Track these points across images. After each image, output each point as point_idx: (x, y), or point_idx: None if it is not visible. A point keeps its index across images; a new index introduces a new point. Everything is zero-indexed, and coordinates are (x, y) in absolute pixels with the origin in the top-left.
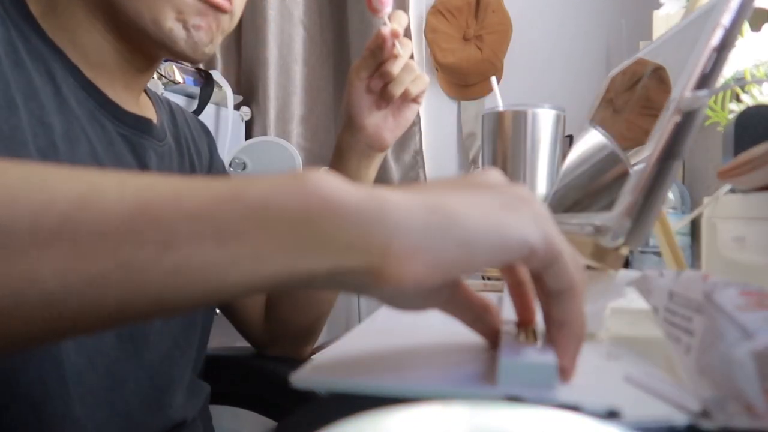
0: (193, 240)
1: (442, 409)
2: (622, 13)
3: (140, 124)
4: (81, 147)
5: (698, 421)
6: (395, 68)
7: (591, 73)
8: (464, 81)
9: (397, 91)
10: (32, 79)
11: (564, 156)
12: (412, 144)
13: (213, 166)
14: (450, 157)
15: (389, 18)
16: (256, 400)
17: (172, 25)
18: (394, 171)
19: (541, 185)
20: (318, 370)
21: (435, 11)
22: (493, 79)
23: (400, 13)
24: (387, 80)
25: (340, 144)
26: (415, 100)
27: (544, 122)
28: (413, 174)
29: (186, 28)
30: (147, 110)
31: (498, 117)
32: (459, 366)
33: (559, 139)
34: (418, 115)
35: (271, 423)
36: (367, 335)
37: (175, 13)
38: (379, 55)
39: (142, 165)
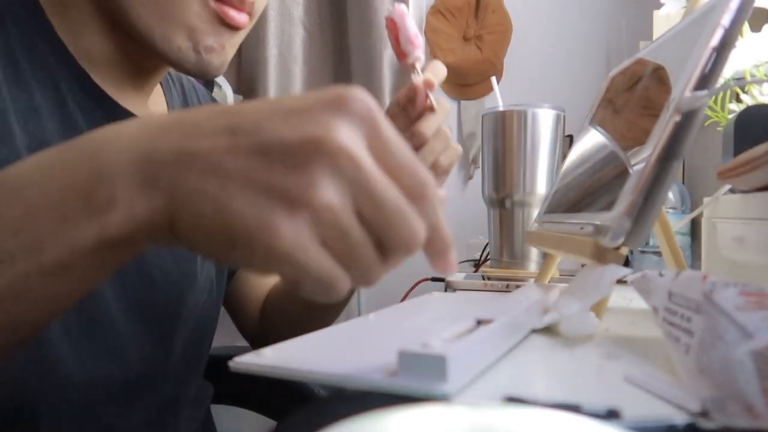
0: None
1: (442, 410)
2: (622, 13)
3: None
4: None
5: (698, 421)
6: (428, 129)
7: (591, 73)
8: (464, 81)
9: (427, 160)
10: (33, 95)
11: (564, 156)
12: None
13: None
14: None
15: (422, 67)
16: (256, 400)
17: (181, 44)
18: None
19: (541, 185)
20: (257, 357)
21: (435, 11)
22: (493, 79)
23: (438, 63)
24: (417, 143)
25: None
26: (446, 171)
27: (544, 122)
28: None
29: (196, 50)
30: (158, 106)
31: (498, 117)
32: (379, 359)
33: (559, 139)
34: None
35: (271, 423)
36: (330, 332)
37: (187, 31)
38: (411, 110)
39: None
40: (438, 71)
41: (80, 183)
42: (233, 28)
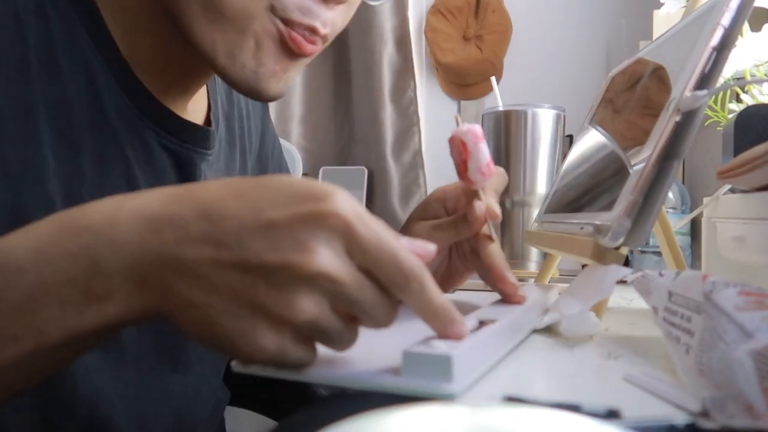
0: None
1: (442, 410)
2: (622, 13)
3: (189, 133)
4: (114, 170)
5: (698, 421)
6: (494, 257)
7: (591, 73)
8: (464, 81)
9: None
10: (66, 88)
11: (564, 156)
12: (412, 144)
13: (263, 146)
14: (450, 157)
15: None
16: (256, 400)
17: (246, 62)
18: (394, 171)
19: (541, 185)
20: None
21: (435, 11)
22: (493, 79)
23: (501, 177)
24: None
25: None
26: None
27: (544, 122)
28: (413, 174)
29: (257, 71)
30: (201, 103)
31: (498, 117)
32: (381, 359)
33: (559, 139)
34: (417, 115)
35: (271, 423)
36: None
37: (252, 50)
38: (464, 231)
39: (186, 181)
40: (500, 185)
41: (79, 275)
42: (299, 55)
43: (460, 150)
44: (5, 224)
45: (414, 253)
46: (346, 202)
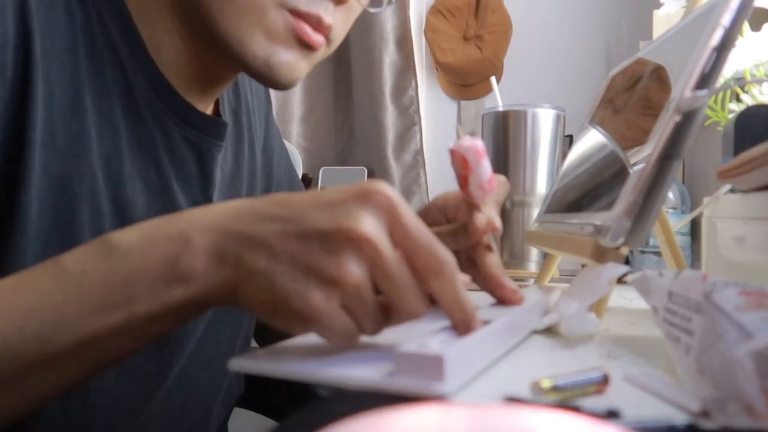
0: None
1: (442, 410)
2: (622, 13)
3: (210, 126)
4: (147, 153)
5: (698, 421)
6: (493, 267)
7: (591, 73)
8: (464, 81)
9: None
10: (106, 74)
11: (564, 156)
12: (412, 144)
13: (268, 140)
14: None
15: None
16: (256, 400)
17: (257, 51)
18: (395, 171)
19: (541, 185)
20: (257, 357)
21: (435, 11)
22: (493, 79)
23: (502, 185)
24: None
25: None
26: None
27: (544, 122)
28: (413, 174)
29: (269, 60)
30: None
31: (498, 117)
32: (377, 359)
33: (559, 139)
34: (418, 115)
35: (271, 423)
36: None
37: (264, 40)
38: (463, 241)
39: (206, 174)
40: (500, 196)
41: (175, 253)
42: (307, 46)
43: (461, 165)
44: (50, 190)
45: None
46: (393, 190)
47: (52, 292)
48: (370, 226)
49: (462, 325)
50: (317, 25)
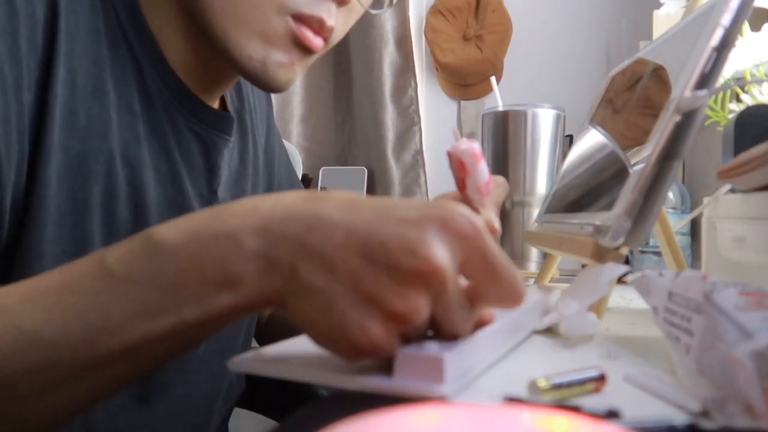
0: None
1: (442, 410)
2: (622, 13)
3: (217, 120)
4: (160, 141)
5: (698, 421)
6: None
7: (591, 73)
8: (464, 81)
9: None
10: (125, 63)
11: (564, 156)
12: (412, 144)
13: (269, 140)
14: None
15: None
16: (256, 400)
17: (253, 54)
18: (395, 171)
19: (541, 185)
20: (257, 357)
21: (435, 11)
22: (493, 79)
23: (501, 186)
24: None
25: None
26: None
27: (544, 122)
28: (413, 174)
29: (266, 62)
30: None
31: (498, 117)
32: (378, 362)
33: (559, 139)
34: (418, 115)
35: (271, 423)
36: None
37: (261, 43)
38: None
39: (211, 167)
40: (500, 197)
41: (221, 255)
42: (306, 49)
43: (458, 167)
44: (68, 168)
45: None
46: (474, 217)
47: (98, 295)
48: (445, 260)
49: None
50: (319, 27)
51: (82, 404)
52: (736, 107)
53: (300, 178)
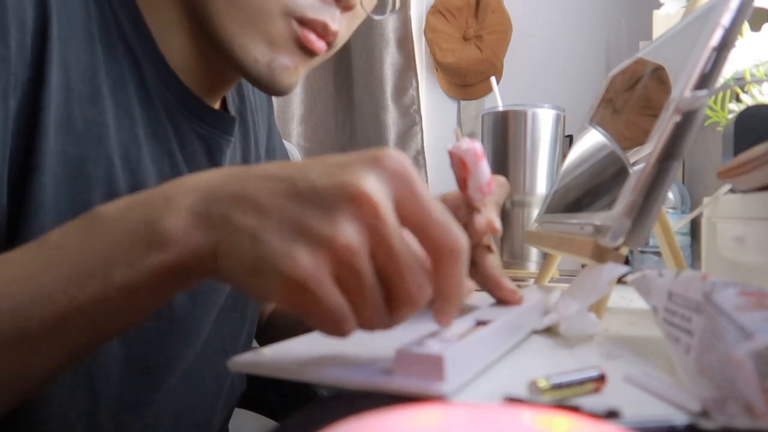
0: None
1: (442, 410)
2: (622, 13)
3: (219, 121)
4: (162, 144)
5: (698, 421)
6: (493, 269)
7: (591, 73)
8: (464, 81)
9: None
10: (123, 66)
11: (564, 156)
12: (413, 144)
13: (270, 141)
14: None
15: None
16: (256, 400)
17: (258, 56)
18: None
19: (541, 185)
20: (256, 357)
21: (435, 11)
22: (493, 79)
23: (502, 186)
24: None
25: None
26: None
27: (544, 122)
28: None
29: (271, 65)
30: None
31: (498, 117)
32: (382, 358)
33: (559, 139)
34: (419, 115)
35: (271, 423)
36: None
37: (266, 45)
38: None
39: (215, 167)
40: (501, 197)
41: (151, 215)
42: (310, 52)
43: (460, 167)
44: (67, 174)
45: None
46: (407, 158)
47: (32, 263)
48: (373, 186)
49: (444, 315)
50: (323, 32)
51: (19, 382)
52: (736, 107)
53: None
